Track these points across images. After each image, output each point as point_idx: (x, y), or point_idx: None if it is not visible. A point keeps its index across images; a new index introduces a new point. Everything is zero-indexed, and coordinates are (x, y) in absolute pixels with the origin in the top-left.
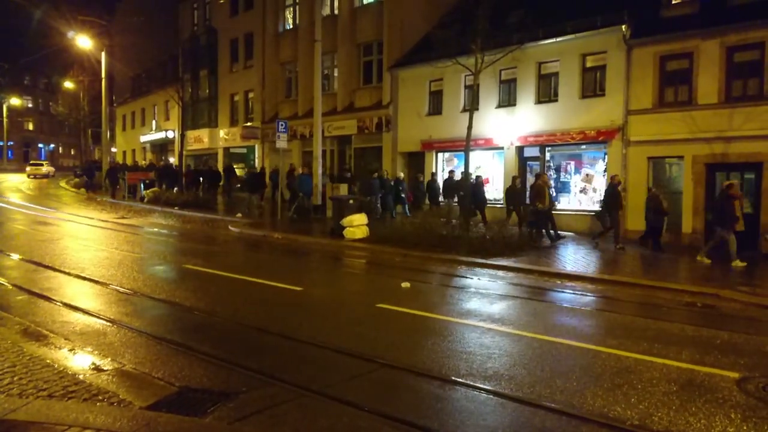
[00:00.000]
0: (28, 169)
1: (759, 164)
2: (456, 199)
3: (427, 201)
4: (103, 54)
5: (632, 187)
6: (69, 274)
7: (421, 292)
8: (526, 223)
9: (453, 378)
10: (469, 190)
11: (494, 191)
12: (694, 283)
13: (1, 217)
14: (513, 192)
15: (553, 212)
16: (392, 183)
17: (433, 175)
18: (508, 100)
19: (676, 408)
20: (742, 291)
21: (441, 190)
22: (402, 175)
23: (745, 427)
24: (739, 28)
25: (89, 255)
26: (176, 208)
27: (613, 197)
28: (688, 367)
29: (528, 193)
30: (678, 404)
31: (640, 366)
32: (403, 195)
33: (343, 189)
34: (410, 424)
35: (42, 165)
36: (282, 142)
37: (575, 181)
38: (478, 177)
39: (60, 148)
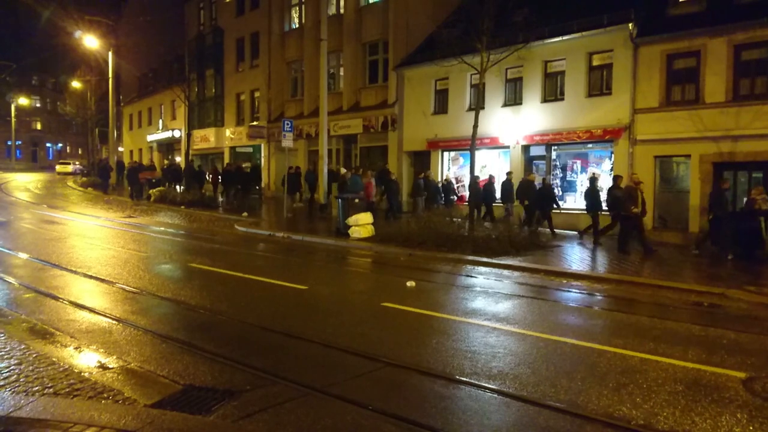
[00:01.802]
0: (57, 167)
1: (766, 163)
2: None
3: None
4: (110, 53)
5: None
6: (75, 272)
7: (425, 291)
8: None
9: (457, 377)
10: (535, 194)
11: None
12: (701, 283)
13: (9, 216)
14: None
15: (554, 213)
16: (441, 185)
17: (491, 177)
18: (513, 98)
19: (682, 408)
20: (749, 290)
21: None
22: (450, 176)
23: (751, 428)
24: (746, 26)
25: (95, 254)
26: (182, 207)
27: (720, 202)
28: (694, 366)
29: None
30: (684, 404)
31: (646, 365)
32: (452, 197)
33: None
34: (414, 422)
35: (69, 164)
36: (288, 141)
37: (581, 180)
38: (545, 179)
39: (67, 148)
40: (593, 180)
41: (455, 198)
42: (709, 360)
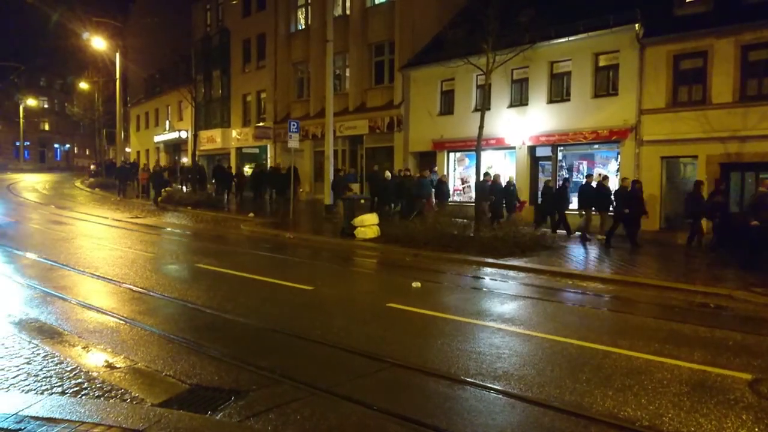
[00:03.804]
0: (92, 167)
1: None
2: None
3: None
4: (117, 55)
5: (645, 187)
6: (83, 272)
7: (431, 292)
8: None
9: (462, 377)
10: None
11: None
12: (707, 284)
13: (18, 216)
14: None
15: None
16: (502, 187)
17: (566, 180)
18: (519, 99)
19: (687, 409)
20: (755, 292)
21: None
22: (512, 178)
23: (757, 429)
24: (754, 26)
25: (103, 254)
26: (189, 207)
27: None
28: (700, 368)
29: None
30: (689, 405)
31: (651, 367)
32: (515, 202)
33: (355, 188)
34: (418, 422)
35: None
36: (294, 142)
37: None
38: (635, 182)
39: (75, 149)
40: (698, 184)
41: (517, 203)
42: (715, 361)
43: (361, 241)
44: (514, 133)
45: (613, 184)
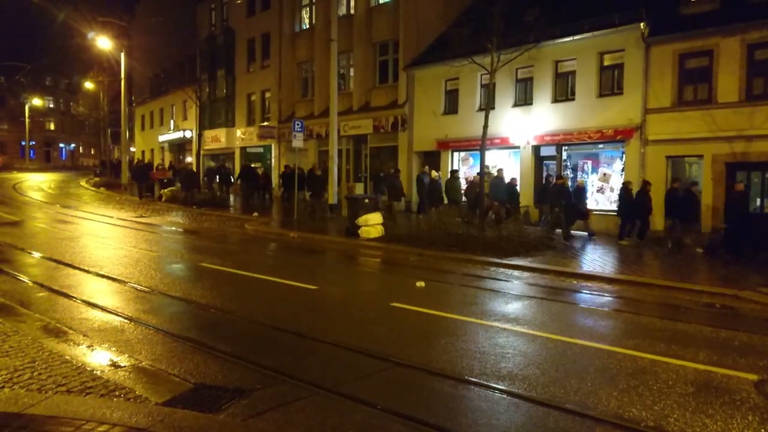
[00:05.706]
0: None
1: None
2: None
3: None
4: (122, 54)
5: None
6: (88, 271)
7: (435, 292)
8: None
9: (466, 377)
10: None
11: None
12: (713, 284)
13: (23, 215)
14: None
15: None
16: (570, 191)
17: (646, 183)
18: (524, 99)
19: (693, 410)
20: (761, 292)
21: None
22: (583, 181)
23: (763, 430)
24: (760, 25)
25: (108, 253)
26: (193, 207)
27: None
28: (706, 368)
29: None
30: (694, 406)
31: (656, 367)
32: (581, 207)
33: (359, 188)
34: (422, 422)
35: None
36: (298, 142)
37: (592, 181)
38: (740, 185)
39: (80, 148)
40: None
41: (585, 208)
42: (721, 362)
43: (365, 240)
44: (518, 132)
45: (616, 183)
